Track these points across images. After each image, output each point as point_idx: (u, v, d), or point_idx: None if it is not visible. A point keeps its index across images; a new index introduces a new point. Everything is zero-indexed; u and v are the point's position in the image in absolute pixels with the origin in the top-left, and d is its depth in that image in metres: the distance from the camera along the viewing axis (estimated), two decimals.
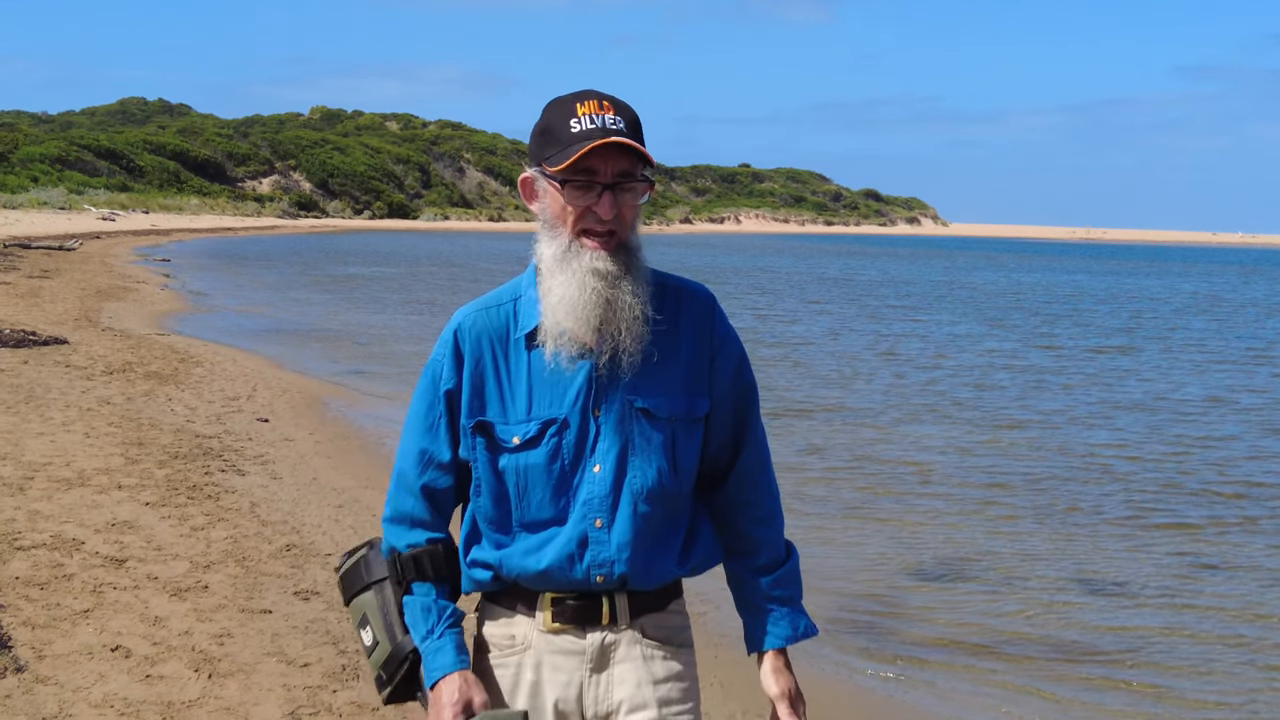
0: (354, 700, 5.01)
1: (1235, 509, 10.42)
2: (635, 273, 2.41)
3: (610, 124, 2.35)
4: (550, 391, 2.42)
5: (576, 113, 2.36)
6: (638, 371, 2.42)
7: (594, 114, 2.36)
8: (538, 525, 2.43)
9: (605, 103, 2.38)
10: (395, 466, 2.59)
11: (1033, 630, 7.21)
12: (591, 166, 2.35)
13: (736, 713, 5.67)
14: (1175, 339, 27.31)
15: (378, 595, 2.55)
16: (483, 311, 2.50)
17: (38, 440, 9.20)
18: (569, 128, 2.36)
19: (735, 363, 2.55)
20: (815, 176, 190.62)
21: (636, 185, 2.40)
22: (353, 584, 2.61)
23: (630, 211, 2.41)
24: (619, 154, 2.36)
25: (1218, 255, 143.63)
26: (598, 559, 2.41)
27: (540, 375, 2.43)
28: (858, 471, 11.30)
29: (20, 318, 17.71)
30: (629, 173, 2.38)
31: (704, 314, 2.52)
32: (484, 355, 2.46)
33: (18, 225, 47.62)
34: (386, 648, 2.52)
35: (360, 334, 21.56)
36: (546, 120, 2.41)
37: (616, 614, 2.46)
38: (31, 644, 5.19)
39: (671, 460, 2.45)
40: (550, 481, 2.42)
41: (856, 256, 79.21)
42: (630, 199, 2.40)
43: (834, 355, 21.11)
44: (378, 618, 2.54)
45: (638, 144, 2.36)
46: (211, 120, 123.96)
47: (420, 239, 77.89)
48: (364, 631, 2.56)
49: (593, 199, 2.37)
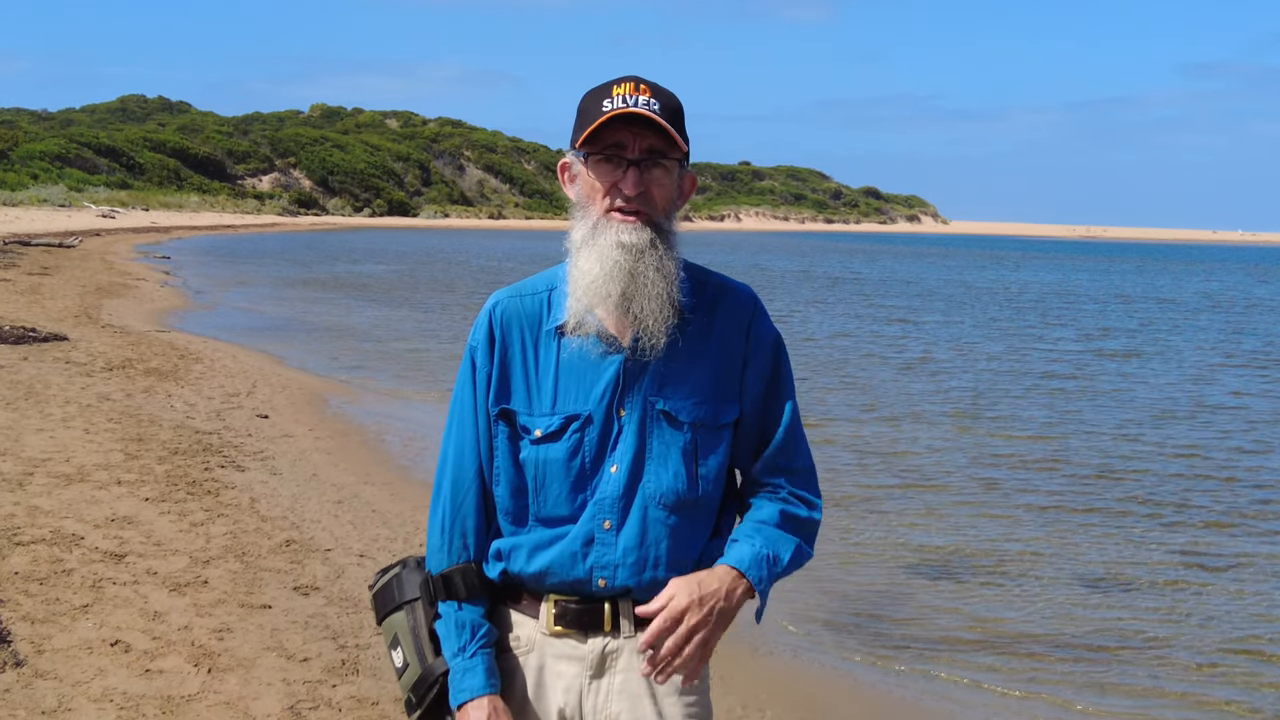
0: (353, 695, 5.01)
1: (1240, 508, 10.41)
2: (664, 251, 2.33)
3: (642, 104, 2.30)
4: (577, 386, 2.35)
5: (611, 93, 2.32)
6: (664, 370, 2.35)
7: (628, 95, 2.31)
8: (553, 521, 2.37)
9: (643, 85, 2.33)
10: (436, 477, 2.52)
11: (1034, 628, 7.21)
12: (620, 140, 2.31)
13: (736, 706, 5.67)
14: (1181, 339, 27.30)
15: (409, 616, 2.47)
16: (518, 298, 2.44)
17: (37, 436, 9.19)
18: (601, 107, 2.31)
19: (771, 366, 2.45)
20: (815, 174, 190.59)
21: (667, 164, 2.34)
22: (385, 603, 2.52)
23: (660, 191, 2.34)
24: (649, 130, 2.30)
25: (1220, 254, 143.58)
26: (601, 561, 2.35)
27: (569, 369, 2.37)
28: (859, 468, 11.30)
29: (20, 314, 17.71)
30: (659, 151, 2.32)
31: (741, 313, 2.43)
32: (514, 342, 2.40)
33: (18, 222, 47.61)
34: (416, 670, 2.43)
35: (360, 331, 21.56)
36: (584, 102, 2.36)
37: (620, 621, 2.38)
38: (31, 639, 5.19)
39: (691, 467, 2.37)
40: (569, 478, 2.35)
41: (856, 256, 79.24)
42: (660, 176, 2.34)
43: (834, 352, 21.10)
44: (408, 639, 2.45)
45: (662, 120, 2.29)
46: (211, 118, 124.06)
47: (420, 236, 77.87)
48: (395, 652, 2.47)
49: (619, 175, 2.32)
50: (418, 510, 8.28)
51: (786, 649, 6.64)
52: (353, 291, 30.78)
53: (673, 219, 2.38)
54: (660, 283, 2.31)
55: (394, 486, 9.20)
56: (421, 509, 8.06)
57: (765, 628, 6.88)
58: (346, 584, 6.50)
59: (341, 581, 6.54)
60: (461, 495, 2.45)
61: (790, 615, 7.18)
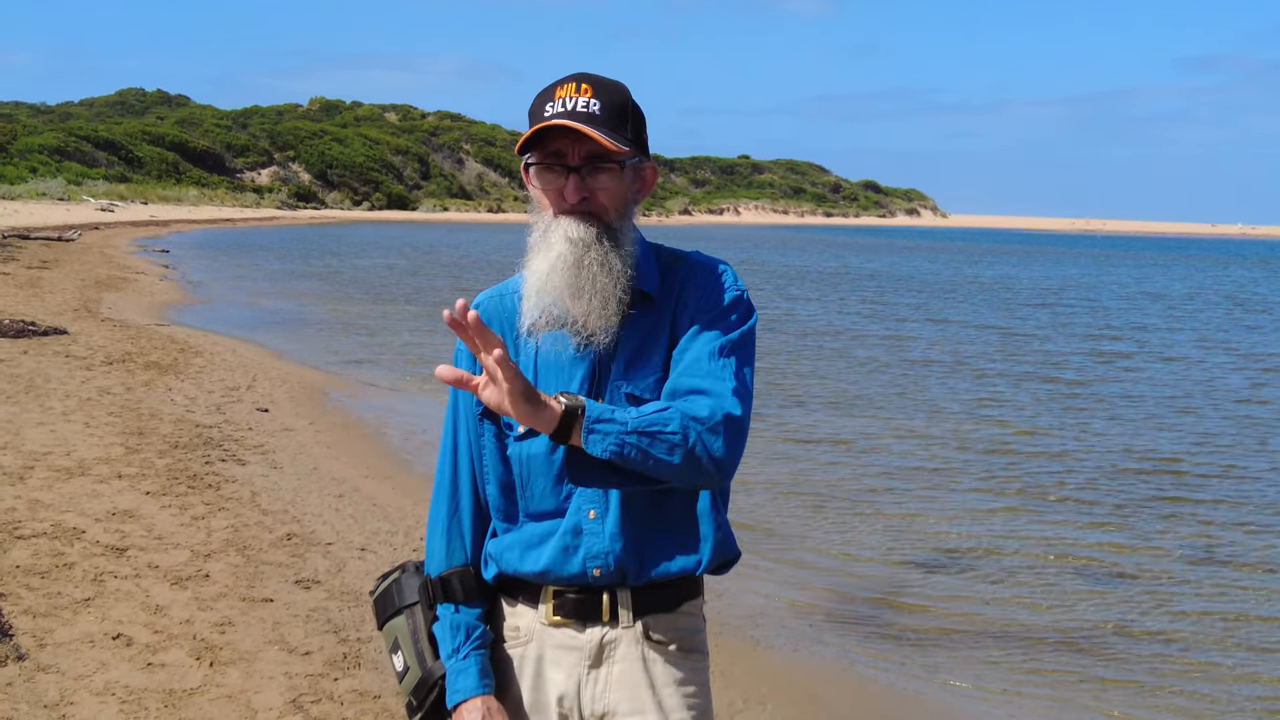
0: (355, 688, 5.02)
1: (1243, 503, 10.41)
2: (610, 248, 2.31)
3: (581, 107, 2.28)
4: (555, 381, 2.36)
5: (554, 96, 2.31)
6: (630, 355, 2.35)
7: (569, 97, 2.29)
8: (542, 516, 2.39)
9: (585, 85, 2.31)
10: None
11: (1034, 620, 7.22)
12: (559, 148, 2.30)
13: (737, 700, 5.67)
14: (1185, 334, 27.30)
15: (409, 620, 2.49)
16: (498, 298, 2.47)
17: (38, 430, 9.19)
18: (543, 112, 2.31)
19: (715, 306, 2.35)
20: (815, 168, 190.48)
21: (612, 168, 2.31)
22: (385, 608, 2.54)
23: (607, 194, 2.32)
24: (586, 136, 2.28)
25: (1219, 247, 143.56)
26: (592, 550, 2.36)
27: (547, 364, 2.38)
28: (858, 461, 11.30)
29: (20, 308, 17.70)
30: (601, 155, 2.30)
31: (703, 279, 2.39)
32: None
33: (16, 216, 47.56)
34: (417, 673, 2.45)
35: (360, 324, 21.55)
36: (533, 105, 2.36)
37: (618, 610, 2.39)
38: (33, 632, 5.19)
39: None
40: (551, 471, 2.36)
41: (855, 251, 79.23)
42: (606, 180, 2.32)
43: (833, 346, 21.10)
44: (408, 643, 2.48)
45: (589, 129, 2.25)
46: (210, 111, 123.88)
47: (420, 230, 77.81)
48: (395, 657, 2.50)
49: (562, 182, 2.31)
50: (418, 504, 8.28)
51: (787, 642, 6.64)
52: (352, 285, 30.76)
53: (628, 216, 2.36)
54: (604, 278, 2.29)
55: (394, 480, 9.21)
56: (422, 503, 8.06)
57: (765, 622, 6.89)
58: (348, 578, 6.51)
59: (343, 575, 6.54)
60: (458, 499, 2.48)
61: (791, 609, 7.19)
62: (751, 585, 7.43)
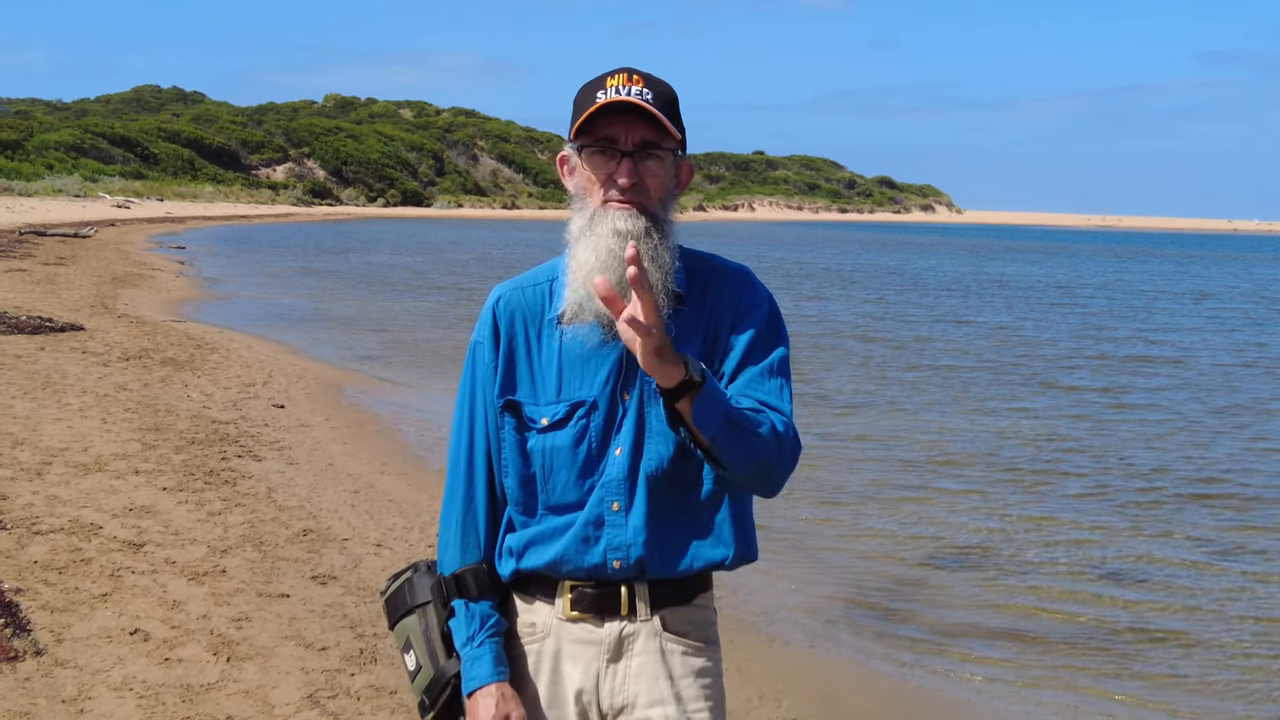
0: (372, 684, 5.03)
1: (1260, 499, 10.37)
2: (659, 240, 2.33)
3: (634, 95, 2.31)
4: (581, 373, 2.37)
5: (605, 85, 2.34)
6: None
7: (621, 85, 2.32)
8: (562, 509, 2.39)
9: (635, 76, 2.35)
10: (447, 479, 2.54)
11: (1050, 617, 7.19)
12: (613, 134, 2.33)
13: (754, 696, 5.67)
14: (1197, 331, 27.18)
15: (421, 619, 2.50)
16: (519, 290, 2.47)
17: (55, 426, 9.23)
18: (594, 98, 2.33)
19: (757, 322, 2.41)
20: (829, 164, 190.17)
21: (661, 154, 2.35)
22: (397, 608, 2.55)
23: (655, 182, 2.35)
24: (641, 122, 2.32)
25: (1237, 243, 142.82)
26: (614, 542, 2.36)
27: (572, 356, 2.38)
28: (875, 457, 11.28)
29: (37, 304, 17.78)
30: (653, 142, 2.34)
31: (733, 287, 2.44)
32: (517, 334, 2.43)
33: (33, 213, 47.79)
34: (429, 672, 2.46)
35: (375, 321, 21.59)
36: (579, 95, 2.38)
37: (636, 604, 2.40)
38: (50, 627, 5.22)
39: (682, 441, 2.35)
40: (575, 464, 2.37)
41: (868, 247, 79.06)
42: (654, 167, 2.35)
43: (853, 342, 21.07)
44: (420, 642, 2.49)
45: (653, 109, 2.30)
46: (226, 108, 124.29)
47: (434, 227, 77.91)
48: (407, 656, 2.51)
49: (613, 166, 2.33)
50: (434, 500, 8.29)
51: (803, 639, 6.64)
52: (367, 281, 30.82)
53: (669, 209, 2.39)
54: (655, 272, 2.31)
55: (410, 476, 9.22)
56: (437, 498, 8.06)
57: (781, 618, 6.89)
58: (364, 573, 6.52)
59: (359, 571, 6.56)
60: (472, 494, 2.48)
61: (806, 606, 7.18)
62: (767, 581, 7.43)
